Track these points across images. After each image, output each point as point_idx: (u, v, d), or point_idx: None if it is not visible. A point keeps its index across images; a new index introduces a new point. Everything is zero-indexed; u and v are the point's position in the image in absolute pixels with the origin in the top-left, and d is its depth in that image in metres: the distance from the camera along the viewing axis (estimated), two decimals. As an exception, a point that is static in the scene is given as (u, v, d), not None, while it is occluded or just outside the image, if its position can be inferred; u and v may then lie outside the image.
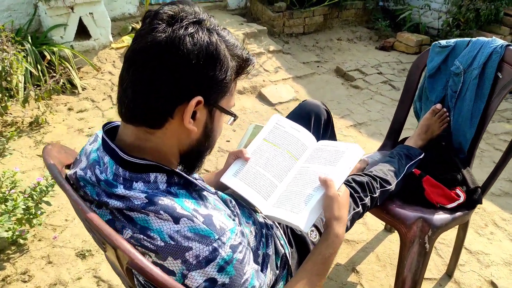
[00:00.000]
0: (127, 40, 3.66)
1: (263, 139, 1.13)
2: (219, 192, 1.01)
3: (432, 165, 1.55)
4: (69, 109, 3.03)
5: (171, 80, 0.63)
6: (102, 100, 3.14)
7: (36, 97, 2.69)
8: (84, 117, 2.95)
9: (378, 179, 1.38)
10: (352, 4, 4.76)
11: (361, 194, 1.29)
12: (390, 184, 1.40)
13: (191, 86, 0.65)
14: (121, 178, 0.66)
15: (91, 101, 3.13)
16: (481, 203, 1.41)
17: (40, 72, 3.05)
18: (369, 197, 1.31)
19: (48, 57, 3.06)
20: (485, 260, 1.83)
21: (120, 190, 0.65)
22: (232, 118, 0.78)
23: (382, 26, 4.62)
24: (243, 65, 0.73)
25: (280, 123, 1.15)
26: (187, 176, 0.70)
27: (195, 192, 0.72)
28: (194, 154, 0.75)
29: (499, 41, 1.45)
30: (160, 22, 0.65)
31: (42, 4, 3.17)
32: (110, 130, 0.76)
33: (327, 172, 0.99)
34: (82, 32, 3.46)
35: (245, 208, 1.04)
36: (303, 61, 3.98)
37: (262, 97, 3.31)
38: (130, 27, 3.80)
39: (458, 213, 1.40)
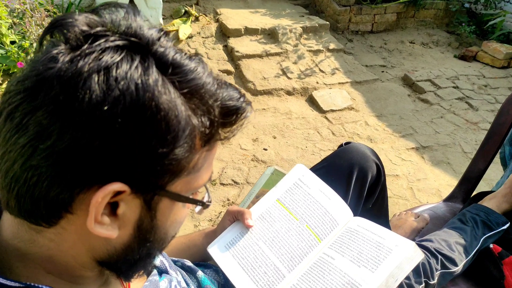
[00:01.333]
0: (177, 23, 3.45)
1: (275, 200, 0.81)
2: (200, 273, 0.72)
3: (519, 241, 1.14)
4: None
5: (56, 152, 0.34)
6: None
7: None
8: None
9: (439, 257, 1.01)
10: (432, 3, 4.16)
11: (412, 281, 0.93)
12: (456, 265, 1.02)
13: (97, 166, 0.35)
14: None
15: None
16: None
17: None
18: (423, 284, 0.95)
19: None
20: None
21: None
22: (200, 206, 0.47)
23: (466, 31, 3.99)
24: (220, 122, 0.41)
25: (304, 181, 0.81)
26: None
27: None
28: (122, 264, 0.44)
29: None
30: (60, 42, 0.36)
31: (93, -20, 3.04)
32: None
33: (359, 280, 0.65)
34: (133, 12, 3.30)
35: None
36: (366, 64, 3.54)
37: (312, 101, 2.95)
38: (183, 10, 3.59)
39: (551, 321, 1.00)
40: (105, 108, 0.34)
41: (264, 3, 4.09)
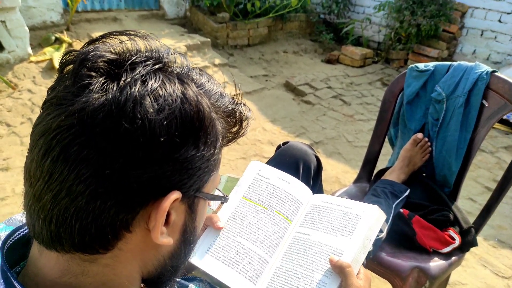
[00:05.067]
0: (50, 52, 3.17)
1: (242, 197, 0.87)
2: (192, 286, 0.73)
3: (418, 202, 1.40)
4: (-22, 137, 2.50)
5: (123, 176, 0.36)
6: (20, 124, 2.64)
7: None
8: (-3, 146, 2.45)
9: (369, 227, 1.19)
10: (295, 16, 4.67)
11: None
12: (382, 232, 1.21)
13: (160, 180, 0.37)
14: None
15: (6, 125, 2.62)
16: (477, 245, 1.28)
17: None
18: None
19: None
20: (463, 292, 1.74)
21: None
22: (222, 201, 0.52)
23: (326, 39, 4.59)
24: (234, 125, 0.47)
25: (262, 174, 0.89)
26: None
27: None
28: (167, 274, 0.47)
29: (483, 67, 1.35)
30: (93, 73, 0.37)
31: None
32: (16, 246, 0.44)
33: (340, 247, 0.76)
34: (-7, 43, 2.92)
35: None
36: (250, 75, 3.78)
37: (210, 116, 3.03)
38: (53, 37, 3.31)
39: (454, 258, 1.26)
40: (163, 126, 0.36)
41: (140, 24, 4.04)
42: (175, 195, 0.39)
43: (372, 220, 0.78)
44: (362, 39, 4.54)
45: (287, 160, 0.99)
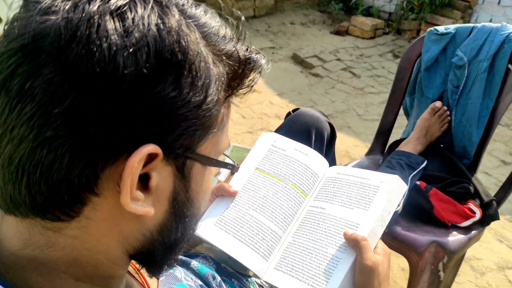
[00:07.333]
0: None
1: (254, 169, 0.81)
2: (194, 263, 0.68)
3: (436, 174, 1.33)
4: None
5: (75, 116, 0.28)
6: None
7: None
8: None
9: (385, 200, 1.12)
10: (303, -15, 4.49)
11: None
12: (398, 205, 1.15)
13: (128, 126, 0.29)
14: None
15: None
16: (498, 218, 1.21)
17: None
18: (380, 226, 1.05)
19: None
20: (478, 267, 1.69)
21: None
22: (228, 169, 0.44)
23: (335, 9, 4.42)
24: (240, 71, 0.37)
25: (277, 145, 0.82)
26: None
27: None
28: (158, 251, 0.38)
29: (510, 28, 1.24)
30: None
31: None
32: None
33: (355, 220, 0.70)
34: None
35: (234, 280, 0.72)
36: (257, 48, 3.65)
37: (215, 90, 2.95)
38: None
39: (474, 232, 1.20)
40: (128, 54, 0.28)
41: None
42: (149, 148, 0.30)
43: (390, 190, 0.71)
44: (373, 9, 4.36)
45: (298, 127, 0.92)
